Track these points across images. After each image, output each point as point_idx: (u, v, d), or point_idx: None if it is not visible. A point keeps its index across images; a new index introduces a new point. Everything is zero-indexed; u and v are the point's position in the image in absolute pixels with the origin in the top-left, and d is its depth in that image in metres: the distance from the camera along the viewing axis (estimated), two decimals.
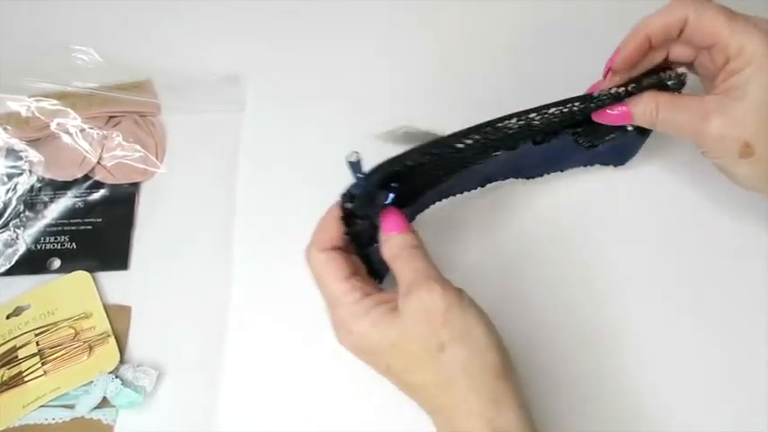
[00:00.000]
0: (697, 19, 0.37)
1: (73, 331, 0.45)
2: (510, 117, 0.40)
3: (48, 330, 0.45)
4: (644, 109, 0.39)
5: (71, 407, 0.43)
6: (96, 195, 0.50)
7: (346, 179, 0.50)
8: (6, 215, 0.49)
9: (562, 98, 0.41)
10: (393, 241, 0.37)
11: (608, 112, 0.41)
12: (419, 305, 0.34)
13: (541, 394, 0.40)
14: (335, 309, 0.37)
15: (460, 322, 0.34)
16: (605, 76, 0.41)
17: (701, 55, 0.39)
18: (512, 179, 0.48)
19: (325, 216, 0.38)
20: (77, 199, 0.49)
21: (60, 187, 0.50)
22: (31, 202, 0.49)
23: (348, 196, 0.37)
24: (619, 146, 0.46)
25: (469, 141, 0.39)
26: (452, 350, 0.34)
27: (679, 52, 0.40)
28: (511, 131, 0.40)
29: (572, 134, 0.44)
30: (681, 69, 0.41)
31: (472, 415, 0.33)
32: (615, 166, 0.49)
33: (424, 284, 0.35)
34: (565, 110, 0.40)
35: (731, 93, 0.37)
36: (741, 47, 0.36)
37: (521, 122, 0.40)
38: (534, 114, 0.40)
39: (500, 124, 0.39)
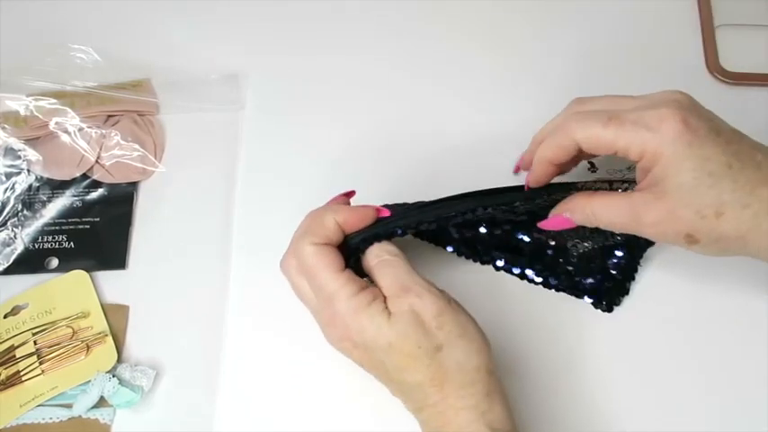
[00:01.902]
0: (585, 139, 0.37)
1: (71, 330, 0.44)
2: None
3: (45, 329, 0.44)
4: (582, 215, 0.39)
5: (68, 406, 0.42)
6: (94, 195, 0.50)
7: (345, 178, 0.50)
8: (4, 214, 0.49)
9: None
10: (375, 249, 0.38)
11: (550, 219, 0.41)
12: (409, 309, 0.36)
13: None
14: (331, 302, 0.36)
15: (453, 324, 0.36)
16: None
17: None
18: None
19: (322, 212, 0.39)
20: (75, 198, 0.49)
21: (58, 186, 0.50)
22: (30, 201, 0.49)
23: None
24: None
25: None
26: (448, 350, 0.35)
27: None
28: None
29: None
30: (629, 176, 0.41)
31: (466, 408, 0.35)
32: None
33: (413, 289, 0.36)
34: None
35: (653, 190, 0.36)
36: (640, 149, 0.35)
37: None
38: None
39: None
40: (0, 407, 0.42)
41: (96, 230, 0.48)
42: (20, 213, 0.49)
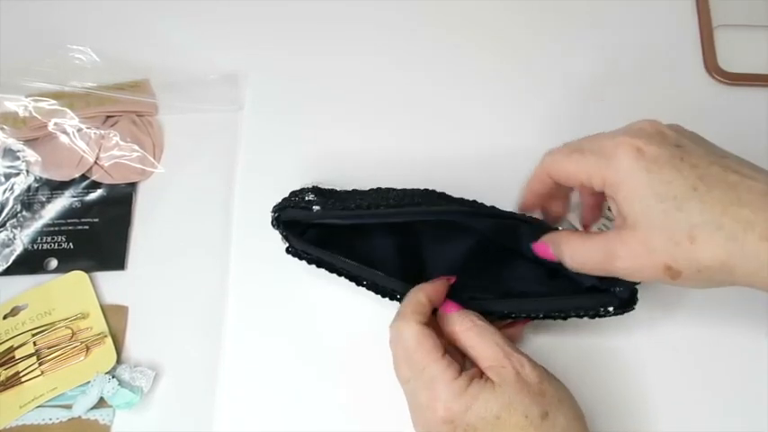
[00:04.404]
0: (554, 172, 0.38)
1: (70, 331, 0.44)
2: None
3: (45, 330, 0.44)
4: (557, 251, 0.38)
5: (68, 407, 0.43)
6: (93, 195, 0.50)
7: (345, 179, 0.50)
8: (3, 215, 0.49)
9: None
10: (458, 318, 0.38)
11: (539, 243, 0.39)
12: (515, 377, 0.35)
13: None
14: (432, 386, 0.36)
15: (554, 392, 0.36)
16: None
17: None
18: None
19: (415, 292, 0.39)
20: (75, 199, 0.49)
21: (57, 187, 0.50)
22: (29, 201, 0.49)
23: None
24: None
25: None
26: (554, 417, 0.35)
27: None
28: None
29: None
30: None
31: None
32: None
33: (512, 357, 0.36)
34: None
35: (624, 224, 0.35)
36: (600, 178, 0.35)
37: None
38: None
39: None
40: (0, 408, 0.42)
41: (95, 231, 0.48)
42: (19, 214, 0.49)
